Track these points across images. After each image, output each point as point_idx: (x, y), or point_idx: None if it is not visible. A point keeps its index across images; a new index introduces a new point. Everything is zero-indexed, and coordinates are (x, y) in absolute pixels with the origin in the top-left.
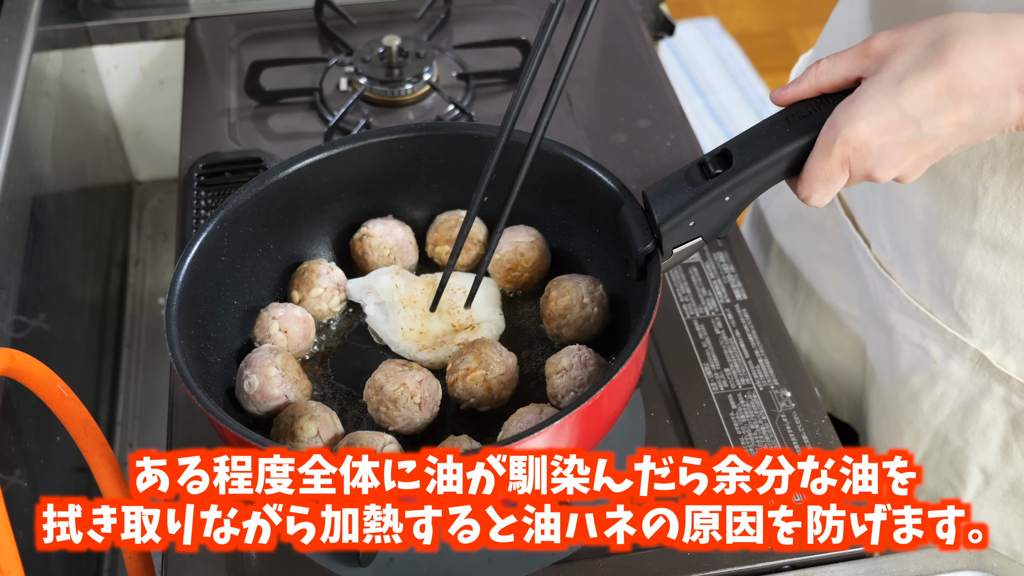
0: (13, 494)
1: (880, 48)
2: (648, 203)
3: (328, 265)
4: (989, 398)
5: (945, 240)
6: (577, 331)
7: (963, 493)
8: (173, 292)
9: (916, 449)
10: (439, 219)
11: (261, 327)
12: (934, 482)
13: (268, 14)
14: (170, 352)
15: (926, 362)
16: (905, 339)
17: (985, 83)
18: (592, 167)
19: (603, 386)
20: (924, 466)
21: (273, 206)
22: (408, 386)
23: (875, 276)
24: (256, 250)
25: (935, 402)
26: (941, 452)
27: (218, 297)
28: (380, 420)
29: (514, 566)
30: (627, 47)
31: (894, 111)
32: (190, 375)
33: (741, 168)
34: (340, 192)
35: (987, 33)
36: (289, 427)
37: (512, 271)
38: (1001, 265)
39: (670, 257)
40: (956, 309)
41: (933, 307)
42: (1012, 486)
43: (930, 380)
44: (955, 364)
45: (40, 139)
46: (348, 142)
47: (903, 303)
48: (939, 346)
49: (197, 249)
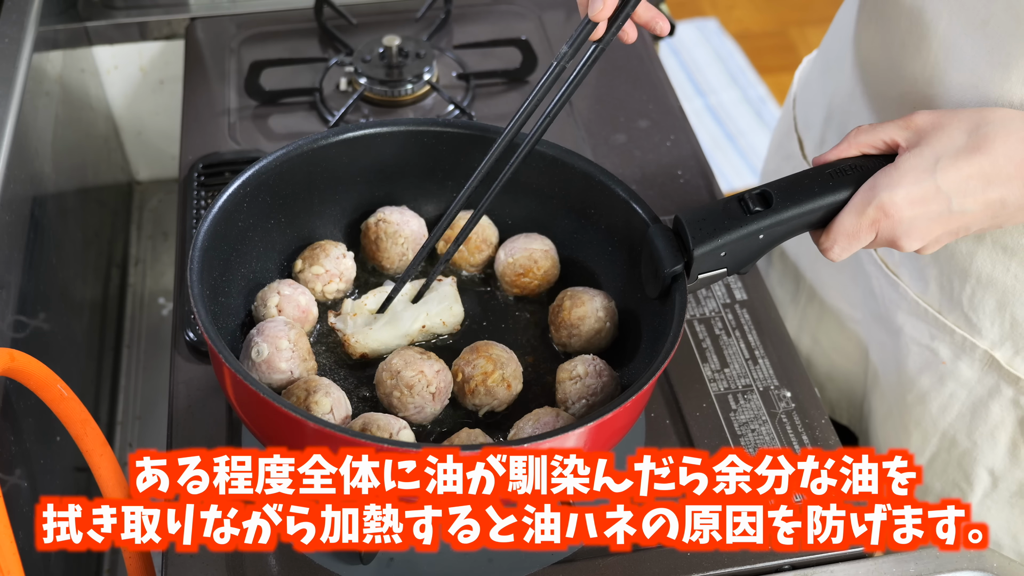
0: (13, 494)
1: (922, 124)
2: (682, 227)
3: (341, 250)
4: (998, 399)
5: (956, 242)
6: (586, 343)
7: (971, 495)
8: (195, 248)
9: (924, 451)
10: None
11: (262, 301)
12: (941, 484)
13: (268, 14)
14: (195, 308)
15: (935, 363)
16: (913, 340)
17: (1012, 171)
18: (619, 189)
19: (633, 396)
20: (931, 468)
21: (294, 179)
22: (426, 374)
23: (881, 278)
24: (268, 220)
25: (943, 403)
26: (949, 454)
27: (229, 264)
28: (390, 405)
29: (514, 566)
30: (627, 47)
31: (930, 186)
32: (216, 336)
33: (780, 210)
34: (357, 175)
35: (1020, 128)
36: (303, 401)
37: (523, 276)
38: (1011, 266)
39: (694, 281)
40: (966, 310)
41: (942, 308)
42: (1020, 488)
43: (939, 381)
44: (964, 365)
45: (40, 139)
46: (373, 126)
47: (911, 305)
48: (948, 347)
49: (218, 209)
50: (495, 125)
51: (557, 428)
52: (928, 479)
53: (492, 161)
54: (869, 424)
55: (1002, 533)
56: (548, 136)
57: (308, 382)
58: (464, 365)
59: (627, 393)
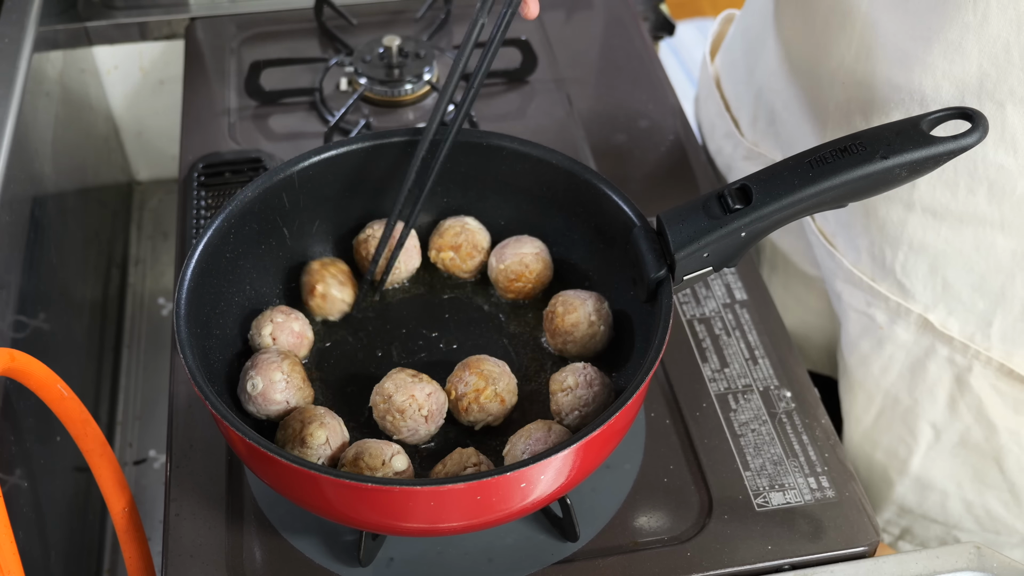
0: (13, 494)
1: None
2: (663, 228)
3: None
4: (934, 359)
5: (886, 211)
6: (582, 348)
7: (916, 448)
8: (181, 291)
9: (869, 409)
10: (443, 225)
11: (256, 330)
12: (888, 439)
13: (268, 14)
14: (182, 355)
15: (872, 328)
16: (851, 307)
17: None
18: (604, 186)
19: (617, 412)
20: (877, 425)
21: (279, 203)
22: (417, 398)
23: (820, 248)
24: (259, 246)
25: (884, 365)
26: (893, 411)
27: (221, 294)
28: (384, 428)
29: (514, 566)
30: (627, 47)
31: None
32: (203, 381)
33: (760, 206)
34: (344, 192)
35: None
36: (298, 433)
37: (516, 282)
38: (941, 231)
39: (679, 283)
40: (899, 277)
41: (875, 277)
42: (960, 439)
43: (877, 345)
44: (900, 329)
45: (40, 139)
46: (355, 141)
47: (847, 273)
48: (884, 313)
49: (204, 245)
50: (477, 130)
51: (547, 450)
52: (875, 435)
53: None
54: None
55: (948, 482)
56: (540, 137)
57: (304, 412)
58: (457, 383)
59: (612, 409)
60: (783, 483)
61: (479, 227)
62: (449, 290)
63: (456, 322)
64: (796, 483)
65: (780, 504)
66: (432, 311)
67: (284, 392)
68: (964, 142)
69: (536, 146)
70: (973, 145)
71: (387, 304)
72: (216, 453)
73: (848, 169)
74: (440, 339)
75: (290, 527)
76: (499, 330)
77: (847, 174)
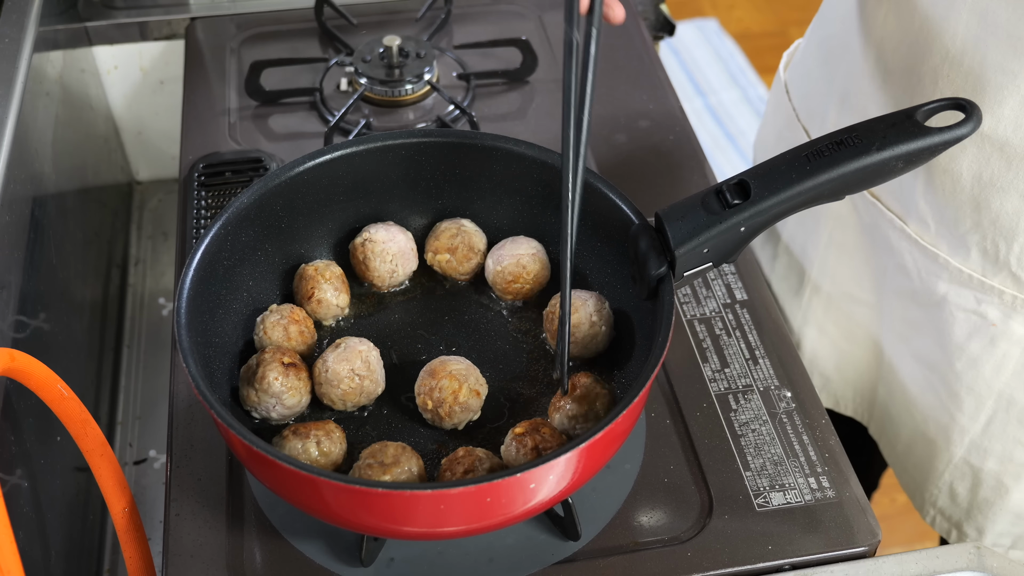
0: (13, 494)
1: None
2: (662, 225)
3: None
4: None
5: (1000, 204)
6: (583, 348)
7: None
8: (181, 299)
9: (978, 415)
10: (439, 227)
11: (259, 331)
12: (1001, 444)
13: (268, 14)
14: (184, 364)
15: (984, 327)
16: (958, 308)
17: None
18: (601, 185)
19: (618, 416)
20: (988, 431)
21: (274, 208)
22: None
23: (916, 253)
24: (256, 253)
25: (997, 364)
26: (1007, 413)
27: (220, 300)
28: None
29: (514, 566)
30: (627, 47)
31: None
32: (207, 389)
33: (758, 201)
34: (340, 195)
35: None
36: (297, 442)
37: (513, 283)
38: None
39: (680, 279)
40: (1014, 269)
41: (987, 272)
42: None
43: (990, 344)
44: (1015, 323)
45: (40, 139)
46: (349, 145)
47: (953, 273)
48: (997, 309)
49: (202, 254)
50: (471, 131)
51: (544, 456)
52: (986, 443)
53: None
54: (885, 409)
55: None
56: (541, 137)
57: (300, 424)
58: (431, 391)
59: (607, 419)
60: (783, 483)
61: (475, 229)
62: (447, 292)
63: (455, 324)
64: (796, 483)
65: (780, 504)
66: (430, 313)
67: (286, 395)
68: (958, 132)
69: (531, 146)
70: (967, 135)
71: (385, 307)
72: (216, 453)
73: (844, 162)
74: (440, 341)
75: (291, 527)
76: (499, 331)
77: (844, 167)
